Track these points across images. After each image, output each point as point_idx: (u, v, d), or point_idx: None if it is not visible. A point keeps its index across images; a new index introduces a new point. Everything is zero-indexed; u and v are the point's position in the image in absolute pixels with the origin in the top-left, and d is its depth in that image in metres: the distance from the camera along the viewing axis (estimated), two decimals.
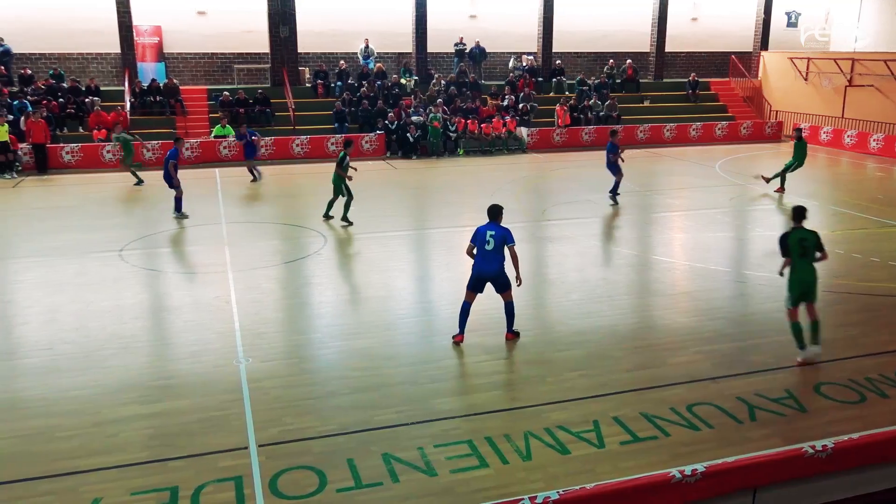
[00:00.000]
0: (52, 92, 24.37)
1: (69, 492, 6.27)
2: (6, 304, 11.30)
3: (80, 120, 24.05)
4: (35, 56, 26.14)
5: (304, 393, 8.11)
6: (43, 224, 15.84)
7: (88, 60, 27.09)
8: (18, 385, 8.44)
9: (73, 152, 22.69)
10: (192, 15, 27.55)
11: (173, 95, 25.71)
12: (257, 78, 28.19)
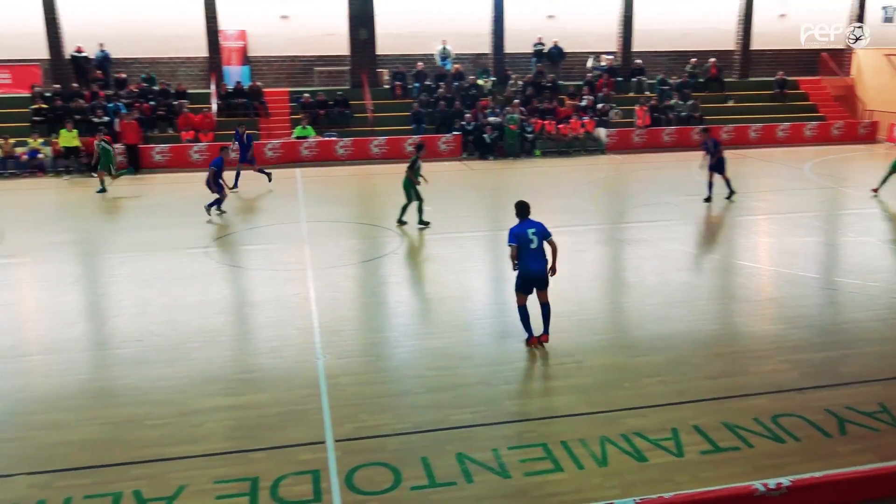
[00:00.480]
0: (144, 95, 25.47)
1: (157, 477, 6.54)
2: (101, 296, 11.89)
3: (170, 121, 25.04)
4: (129, 61, 27.36)
5: (380, 391, 8.22)
6: (135, 221, 16.57)
7: (178, 64, 28.17)
8: (111, 374, 8.86)
9: (163, 152, 23.66)
10: (276, 19, 28.29)
11: (257, 97, 26.47)
12: (337, 80, 28.71)
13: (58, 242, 14.81)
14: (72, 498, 6.23)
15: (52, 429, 7.44)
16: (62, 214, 17.99)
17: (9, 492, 6.36)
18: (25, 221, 16.69)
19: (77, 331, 10.30)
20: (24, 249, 14.28)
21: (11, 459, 6.91)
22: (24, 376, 8.80)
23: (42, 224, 16.43)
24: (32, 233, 15.59)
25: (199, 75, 28.08)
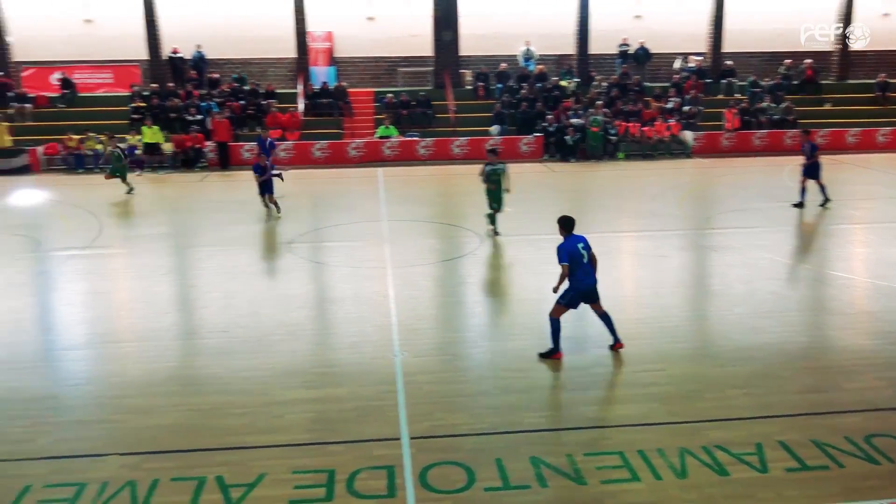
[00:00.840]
0: (235, 94, 26.34)
1: (239, 465, 6.74)
2: (190, 288, 12.36)
3: (258, 120, 25.81)
4: (222, 61, 28.35)
5: (456, 390, 8.24)
6: (224, 216, 17.14)
7: (268, 65, 29.01)
8: (198, 363, 9.20)
9: (251, 150, 24.39)
10: (362, 20, 28.78)
11: (342, 97, 27.00)
12: (420, 80, 28.97)
13: (151, 235, 15.47)
14: (159, 480, 6.50)
15: (142, 413, 7.78)
16: (155, 208, 18.78)
17: (102, 470, 6.68)
18: (122, 214, 17.51)
19: (167, 320, 10.74)
20: (120, 242, 14.99)
21: (105, 440, 7.26)
22: (117, 362, 9.22)
23: (137, 217, 17.20)
24: (127, 226, 16.34)
25: (287, 76, 28.83)
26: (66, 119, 25.16)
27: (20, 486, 6.43)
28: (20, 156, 23.40)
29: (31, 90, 26.70)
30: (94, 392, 8.42)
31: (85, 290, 12.21)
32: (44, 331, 10.59)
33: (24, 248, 14.46)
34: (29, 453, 7.00)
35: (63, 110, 25.98)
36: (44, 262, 13.63)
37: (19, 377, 8.75)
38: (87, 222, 16.54)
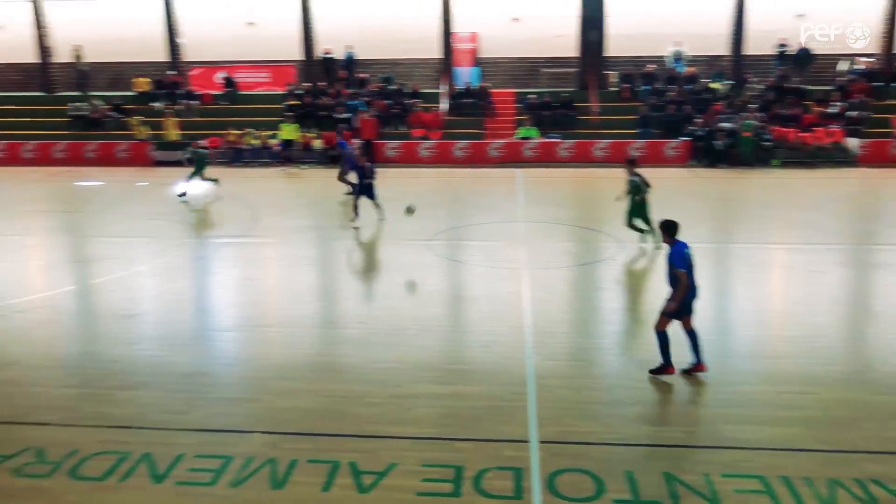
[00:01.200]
0: (381, 94, 27.18)
1: (370, 453, 6.94)
2: (332, 280, 12.88)
3: (403, 119, 26.49)
4: (371, 62, 29.32)
5: (589, 397, 8.08)
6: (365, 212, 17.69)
7: (413, 65, 29.72)
8: (337, 351, 9.57)
9: (395, 148, 25.10)
10: (507, 21, 28.86)
11: (484, 98, 27.20)
12: (564, 81, 28.67)
13: (297, 227, 16.25)
14: (297, 461, 6.81)
15: (284, 395, 8.18)
16: (304, 202, 19.69)
17: (246, 446, 7.09)
18: (274, 207, 18.50)
19: (310, 309, 11.24)
20: (271, 232, 15.84)
21: (249, 418, 7.70)
22: (263, 345, 9.76)
23: (287, 210, 18.12)
24: (279, 217, 17.24)
25: (431, 76, 29.40)
26: (227, 115, 26.92)
27: (175, 454, 6.94)
28: (186, 149, 25.30)
29: (198, 88, 28.77)
30: (241, 372, 8.96)
31: (237, 276, 13.01)
32: (200, 312, 11.39)
33: (186, 235, 15.59)
34: (184, 424, 7.55)
35: (225, 107, 27.81)
36: (202, 249, 14.65)
37: (178, 353, 9.45)
38: (242, 213, 17.61)
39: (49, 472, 6.71)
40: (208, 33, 29.18)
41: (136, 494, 6.37)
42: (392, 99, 27.03)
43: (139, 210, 17.98)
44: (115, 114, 27.18)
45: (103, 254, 14.29)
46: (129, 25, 29.10)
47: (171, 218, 17.06)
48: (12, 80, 30.54)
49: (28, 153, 26.05)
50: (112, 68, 29.83)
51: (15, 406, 8.05)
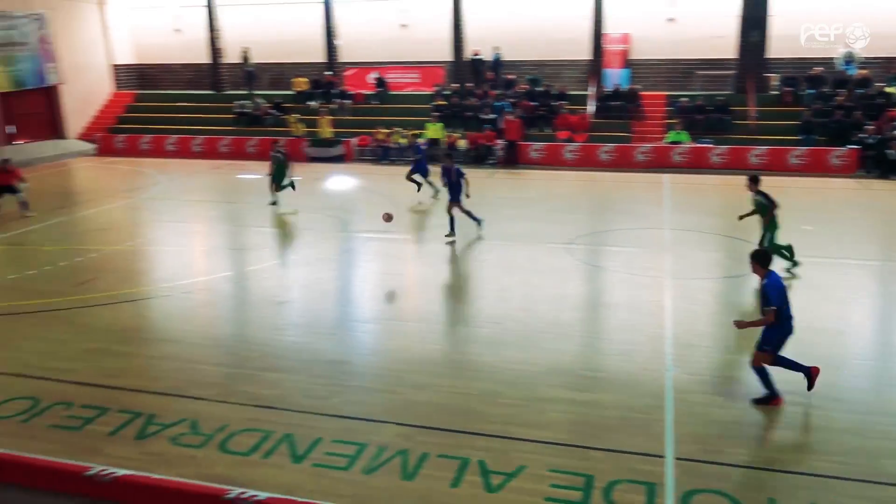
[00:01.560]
0: (528, 95, 27.13)
1: (500, 453, 6.95)
2: (469, 278, 13.01)
3: (548, 121, 26.31)
4: (518, 63, 29.32)
5: (731, 416, 7.68)
6: (508, 212, 17.74)
7: (561, 67, 29.42)
8: (472, 349, 9.65)
9: (539, 150, 24.98)
10: (662, 22, 27.93)
11: (633, 100, 26.50)
12: (719, 84, 27.38)
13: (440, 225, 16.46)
14: (428, 454, 6.93)
15: (419, 389, 8.36)
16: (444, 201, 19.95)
17: (380, 436, 7.31)
18: (415, 204, 18.92)
19: (447, 306, 11.42)
20: (412, 228, 16.22)
21: (385, 408, 7.92)
22: (402, 338, 10.01)
23: (429, 207, 18.46)
24: (421, 214, 17.61)
25: (579, 77, 28.99)
26: (377, 115, 27.84)
27: (314, 437, 7.27)
28: (337, 146, 26.43)
29: (351, 88, 29.95)
30: (379, 363, 9.24)
31: (379, 270, 13.44)
32: (343, 302, 11.86)
33: (334, 228, 16.27)
34: (324, 409, 7.89)
35: (375, 106, 28.78)
36: (349, 242, 15.22)
37: (322, 341, 9.89)
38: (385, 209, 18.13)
39: (201, 444, 7.22)
40: (363, 35, 30.29)
41: (276, 472, 6.72)
42: (538, 100, 26.91)
43: (293, 203, 18.94)
44: (275, 111, 28.82)
45: (258, 243, 15.19)
46: (291, 28, 30.77)
47: (322, 211, 17.85)
48: (186, 79, 33.12)
49: (197, 147, 28.16)
50: (274, 69, 31.64)
51: (176, 380, 8.73)
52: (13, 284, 12.47)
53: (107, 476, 5.82)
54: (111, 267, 13.55)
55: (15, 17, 27.31)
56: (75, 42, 30.27)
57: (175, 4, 31.87)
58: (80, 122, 30.54)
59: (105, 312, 11.08)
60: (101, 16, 31.76)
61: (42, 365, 9.12)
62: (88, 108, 30.94)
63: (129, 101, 31.90)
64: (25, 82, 28.01)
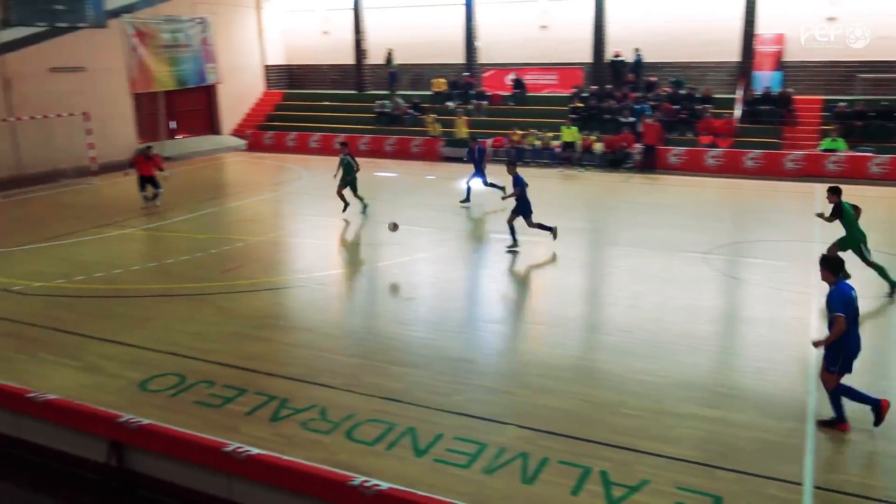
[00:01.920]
0: (670, 98, 26.23)
1: (623, 465, 6.76)
2: (600, 284, 12.77)
3: (690, 125, 25.33)
4: (661, 64, 28.41)
5: (881, 447, 7.09)
6: (643, 218, 17.25)
7: (707, 69, 28.22)
8: (598, 357, 9.45)
9: (678, 155, 24.10)
10: (821, 21, 26.17)
11: (785, 105, 25.01)
12: (885, 88, 25.32)
13: (572, 229, 16.30)
14: (548, 459, 6.85)
15: (543, 393, 8.28)
16: (580, 204, 19.69)
17: (500, 436, 7.30)
18: (550, 207, 18.75)
19: (576, 311, 11.24)
20: (542, 231, 16.06)
21: (507, 410, 7.91)
22: (528, 341, 9.97)
23: (563, 211, 18.25)
24: (554, 218, 17.43)
25: (726, 80, 27.70)
26: (513, 116, 27.84)
27: (436, 432, 7.37)
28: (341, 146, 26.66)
29: (489, 89, 30.12)
30: (504, 364, 9.24)
31: (507, 271, 13.43)
32: (470, 302, 11.94)
33: (465, 228, 16.41)
34: (446, 406, 7.97)
35: (511, 108, 28.78)
36: (479, 242, 15.32)
37: (448, 338, 10.01)
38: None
39: (329, 430, 7.49)
40: (502, 37, 30.37)
41: (398, 464, 6.86)
42: (680, 103, 25.96)
43: (425, 201, 19.31)
44: (413, 111, 29.47)
45: (390, 239, 15.57)
46: (432, 30, 31.35)
47: (453, 211, 18.06)
48: (332, 79, 34.51)
49: (338, 144, 29.24)
50: (414, 70, 32.36)
51: (308, 367, 9.11)
52: (169, 269, 13.47)
53: (242, 453, 6.15)
54: (254, 256, 14.34)
55: (181, 21, 29.46)
56: (233, 44, 32.25)
57: (324, 7, 33.28)
58: (233, 119, 32.54)
59: (247, 299, 11.74)
60: (258, 19, 33.67)
61: (190, 345, 9.78)
62: (241, 106, 32.89)
63: (277, 100, 33.64)
64: (187, 81, 30.15)
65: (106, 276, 13.03)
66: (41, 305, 11.51)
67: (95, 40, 26.20)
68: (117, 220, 17.57)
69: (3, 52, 23.52)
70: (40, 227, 16.92)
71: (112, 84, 27.08)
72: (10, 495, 6.59)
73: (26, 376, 8.69)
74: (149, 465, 6.67)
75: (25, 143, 23.93)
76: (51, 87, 24.74)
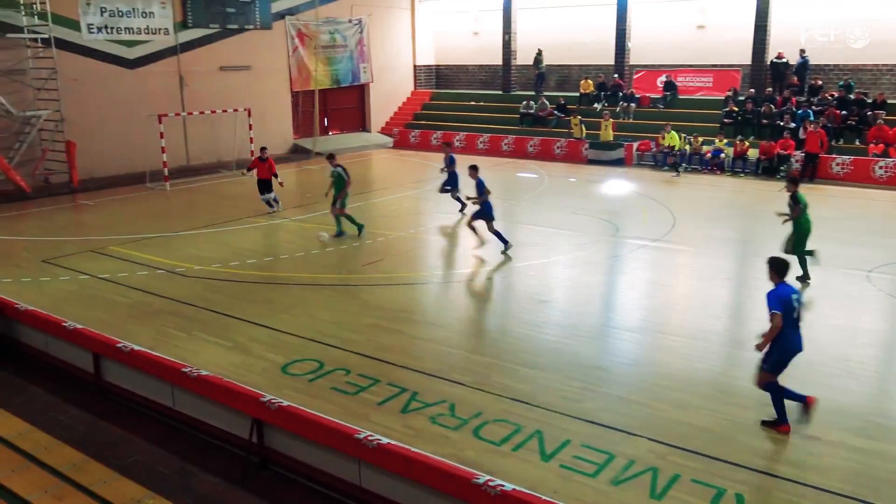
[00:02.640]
0: (838, 103, 24.40)
1: (762, 490, 6.39)
2: (748, 298, 12.05)
3: (859, 133, 23.46)
4: (829, 67, 26.50)
5: None
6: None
7: (882, 73, 26.05)
8: (740, 374, 8.87)
9: (843, 164, 22.40)
10: None
11: None
12: None
13: (721, 238, 15.55)
14: (679, 476, 6.58)
15: (678, 407, 7.96)
16: (731, 213, 18.74)
17: (630, 448, 7.09)
18: (696, 214, 18.00)
19: (719, 325, 10.71)
20: (689, 240, 15.45)
21: (639, 421, 7.66)
22: (664, 352, 9.61)
23: (710, 219, 17.47)
24: (699, 226, 16.73)
25: None
26: (662, 119, 26.89)
27: (563, 438, 7.27)
28: (617, 149, 26.05)
29: (639, 91, 29.31)
30: (638, 374, 8.96)
31: (648, 280, 13.01)
32: (606, 308, 11.67)
33: (605, 232, 16.08)
34: (575, 412, 7.84)
35: (661, 110, 27.84)
36: (618, 247, 14.95)
37: (580, 344, 9.84)
38: (662, 216, 17.53)
39: (456, 427, 7.57)
40: (655, 37, 29.45)
41: (523, 466, 6.83)
42: (849, 109, 24.10)
43: (566, 204, 19.07)
44: (558, 113, 29.19)
45: (528, 240, 15.51)
46: (583, 31, 30.90)
47: (594, 214, 17.74)
48: (479, 80, 34.84)
49: (482, 144, 29.51)
50: (562, 71, 32.06)
51: (440, 362, 9.25)
52: (315, 259, 14.11)
53: (372, 441, 6.34)
54: (394, 251, 14.74)
55: (340, 22, 30.78)
56: (386, 44, 33.31)
57: (475, 8, 33.63)
58: (382, 117, 33.62)
59: (385, 292, 12.09)
60: (412, 21, 34.57)
61: (330, 333, 10.20)
62: (390, 105, 33.91)
63: (425, 100, 34.39)
64: (342, 80, 31.47)
65: (257, 262, 13.86)
66: (199, 287, 12.40)
67: (261, 41, 27.93)
68: (271, 210, 18.62)
69: (180, 52, 25.57)
70: (202, 215, 18.25)
71: (273, 82, 28.76)
72: (163, 460, 7.14)
73: (183, 352, 9.40)
74: (285, 444, 7.01)
75: (194, 136, 25.92)
76: (219, 84, 26.63)
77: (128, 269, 13.43)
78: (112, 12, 23.67)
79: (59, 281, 12.84)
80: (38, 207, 19.50)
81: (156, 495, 6.20)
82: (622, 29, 29.19)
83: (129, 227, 16.97)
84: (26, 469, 6.49)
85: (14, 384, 8.86)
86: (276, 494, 6.64)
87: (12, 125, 21.30)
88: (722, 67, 28.24)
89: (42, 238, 16.01)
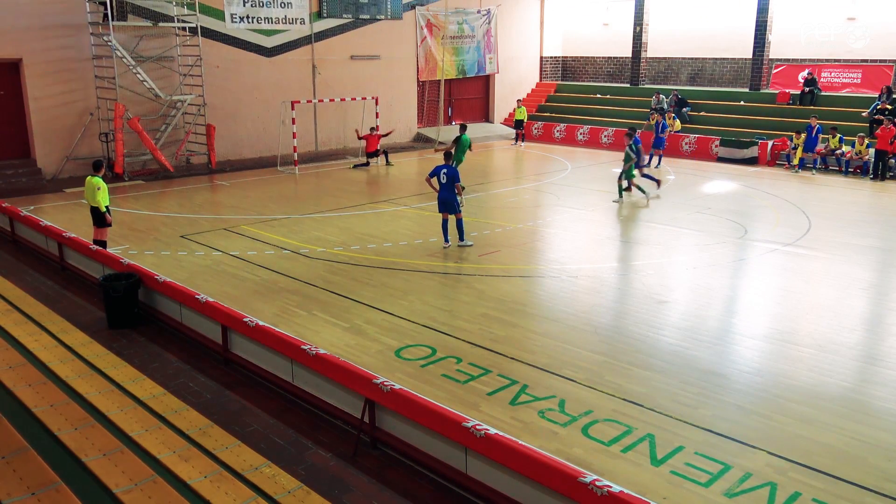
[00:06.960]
0: None
1: None
2: (889, 310, 11.23)
3: None
4: None
5: None
6: None
7: None
8: (874, 392, 8.35)
9: None
10: None
11: None
12: None
13: (860, 245, 14.54)
14: (800, 494, 6.23)
15: (803, 422, 7.53)
16: (876, 218, 17.47)
17: (749, 461, 6.77)
18: (834, 219, 16.90)
19: (853, 337, 10.03)
20: (824, 245, 14.53)
21: (758, 433, 7.31)
22: (790, 363, 9.10)
23: (849, 224, 16.36)
24: (837, 231, 15.70)
25: None
26: (801, 116, 25.43)
27: (676, 443, 7.04)
28: (751, 147, 24.82)
29: (777, 87, 27.78)
30: (760, 384, 8.53)
31: (777, 285, 12.34)
32: (729, 313, 11.16)
33: (732, 234, 15.39)
34: (691, 418, 7.58)
35: (798, 108, 26.28)
36: (745, 250, 14.27)
37: (699, 348, 9.48)
38: (797, 219, 16.59)
39: (565, 423, 7.49)
40: (798, 30, 27.80)
41: (632, 469, 6.67)
42: None
43: (690, 202, 18.40)
44: (689, 108, 28.15)
45: (649, 238, 15.08)
46: (719, 22, 29.62)
47: (720, 214, 17.02)
48: (606, 72, 34.11)
49: (605, 138, 28.92)
50: (695, 64, 30.86)
51: (551, 357, 9.17)
52: (431, 247, 14.31)
53: (480, 430, 6.37)
54: (511, 243, 14.71)
55: (468, 13, 30.94)
56: (513, 35, 33.19)
57: None
58: (506, 108, 33.56)
59: (499, 283, 12.10)
60: (541, 11, 34.28)
61: (443, 320, 10.33)
62: (514, 96, 33.79)
63: (550, 92, 34.04)
64: (468, 71, 31.65)
65: (377, 247, 14.21)
66: (321, 269, 12.87)
67: (391, 31, 28.53)
68: (392, 197, 19.03)
69: (314, 41, 26.51)
70: (327, 199, 18.90)
71: (401, 71, 29.31)
72: (279, 432, 7.47)
73: (303, 330, 9.79)
74: (395, 426, 7.17)
75: (323, 122, 26.85)
76: (348, 72, 27.44)
77: (256, 248, 14.12)
78: (253, 2, 24.85)
79: (195, 256, 13.67)
80: (180, 186, 20.82)
81: (272, 464, 6.50)
82: (763, 21, 27.69)
83: (259, 208, 17.82)
84: (158, 429, 6.96)
85: (150, 350, 9.51)
86: (384, 473, 6.80)
87: (160, 108, 22.83)
88: (873, 63, 26.32)
89: (181, 214, 17.10)
